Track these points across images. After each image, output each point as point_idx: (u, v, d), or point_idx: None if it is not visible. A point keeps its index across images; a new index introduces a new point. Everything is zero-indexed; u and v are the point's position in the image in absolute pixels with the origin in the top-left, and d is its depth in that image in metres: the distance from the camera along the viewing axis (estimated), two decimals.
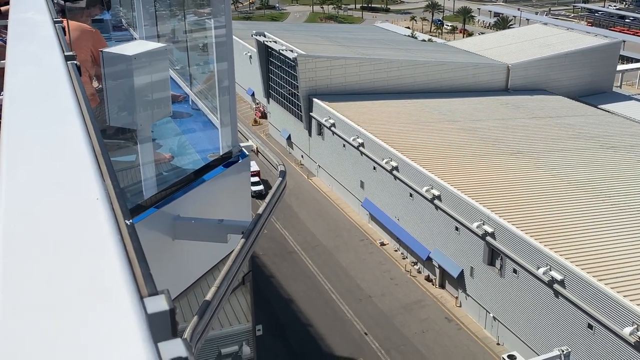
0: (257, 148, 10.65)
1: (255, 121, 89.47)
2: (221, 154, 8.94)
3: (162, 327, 1.28)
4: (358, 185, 61.98)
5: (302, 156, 75.50)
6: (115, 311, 1.30)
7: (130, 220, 1.60)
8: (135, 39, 13.08)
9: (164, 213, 7.55)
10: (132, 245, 1.47)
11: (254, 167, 64.27)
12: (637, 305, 32.12)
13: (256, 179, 65.52)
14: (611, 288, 33.68)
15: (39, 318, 1.28)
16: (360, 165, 60.89)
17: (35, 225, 1.61)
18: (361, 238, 59.41)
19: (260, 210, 7.59)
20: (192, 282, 8.45)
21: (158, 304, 1.31)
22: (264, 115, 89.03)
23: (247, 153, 8.91)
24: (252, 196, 59.41)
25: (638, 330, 31.52)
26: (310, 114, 70.27)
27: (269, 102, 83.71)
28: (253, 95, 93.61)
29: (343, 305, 48.69)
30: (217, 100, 9.36)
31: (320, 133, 69.31)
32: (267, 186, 61.33)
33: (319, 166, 71.10)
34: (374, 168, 57.88)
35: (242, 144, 8.95)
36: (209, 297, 6.51)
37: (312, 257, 55.81)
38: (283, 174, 8.50)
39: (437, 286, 50.76)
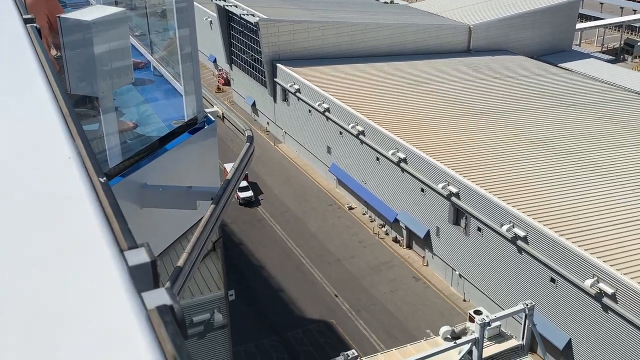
0: (222, 114, 10.56)
1: (219, 88, 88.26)
2: (186, 120, 8.86)
3: (144, 279, 1.31)
4: (325, 151, 62.06)
5: (267, 123, 75.02)
6: (97, 265, 1.32)
7: (104, 178, 1.61)
8: (91, 3, 12.72)
9: (131, 181, 7.49)
10: (108, 202, 1.48)
11: None
12: (597, 258, 33.27)
13: (244, 183, 59.71)
14: (572, 242, 34.75)
15: (23, 275, 1.29)
16: (326, 131, 60.87)
17: (11, 185, 1.61)
18: (329, 203, 59.79)
19: (228, 176, 7.60)
20: (162, 250, 8.45)
21: (139, 256, 1.34)
22: (227, 82, 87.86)
23: (212, 119, 8.86)
24: (241, 204, 55.85)
25: (598, 282, 32.71)
26: (275, 79, 69.61)
27: (231, 69, 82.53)
28: (215, 61, 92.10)
29: (313, 269, 49.23)
30: (180, 67, 9.24)
31: (285, 99, 68.85)
32: (258, 191, 59.90)
33: (285, 132, 70.83)
34: (340, 133, 57.96)
35: (207, 110, 8.89)
36: (180, 263, 6.55)
37: (281, 223, 56.04)
38: (250, 138, 8.50)
39: (404, 247, 51.63)
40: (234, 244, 52.14)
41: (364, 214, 57.07)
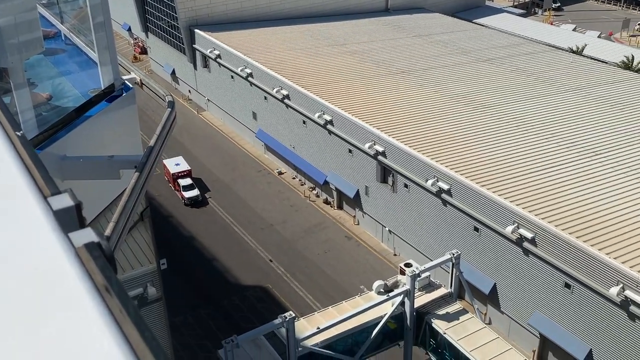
0: (140, 80, 10.30)
1: (135, 58, 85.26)
2: (103, 89, 8.61)
3: (70, 221, 1.36)
4: (250, 117, 61.53)
5: (189, 91, 73.39)
6: (23, 212, 1.35)
7: (22, 132, 1.62)
8: None
9: (49, 154, 7.26)
10: (27, 153, 1.50)
11: (185, 165, 55.21)
12: (517, 205, 34.98)
13: (188, 181, 53.74)
14: (493, 192, 36.33)
15: None
16: (250, 96, 60.26)
17: None
18: (258, 169, 59.65)
19: (151, 143, 7.49)
20: (89, 222, 8.29)
21: (62, 201, 1.38)
22: (143, 51, 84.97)
23: (130, 86, 8.65)
24: (187, 204, 52.24)
25: (519, 228, 34.48)
26: (194, 46, 67.91)
27: (147, 37, 79.78)
28: (130, 30, 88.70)
29: (246, 236, 49.28)
30: (93, 36, 8.92)
31: (206, 66, 67.41)
32: (204, 188, 55.18)
33: (209, 100, 69.58)
34: (265, 98, 57.54)
35: (124, 77, 8.66)
36: (107, 232, 6.47)
37: (211, 192, 55.54)
38: (171, 104, 8.36)
39: (335, 208, 52.44)
40: (162, 217, 51.31)
41: (293, 178, 57.35)
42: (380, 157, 44.39)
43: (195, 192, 53.02)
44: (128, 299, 1.23)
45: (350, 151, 47.76)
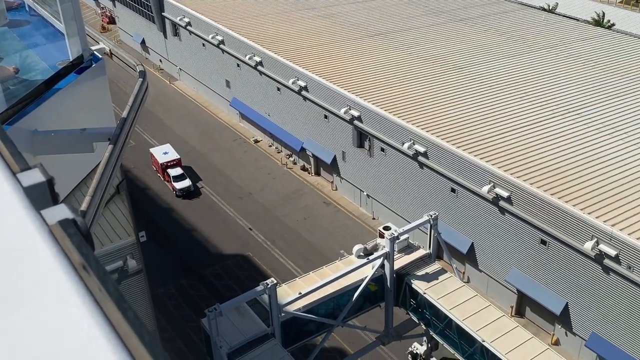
0: (110, 51, 10.01)
1: (104, 28, 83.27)
2: (71, 60, 8.37)
3: (41, 198, 1.29)
4: (224, 85, 60.75)
5: (160, 60, 72.05)
6: None
7: None
8: None
9: (19, 129, 7.07)
10: None
11: (173, 154, 52.25)
12: (493, 165, 35.33)
13: (178, 171, 50.65)
14: (469, 153, 36.60)
15: None
16: (223, 64, 59.39)
17: None
18: (234, 138, 59.21)
19: (124, 114, 7.33)
20: (63, 198, 8.15)
21: (33, 177, 1.32)
22: (111, 21, 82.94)
23: (100, 56, 8.42)
24: (178, 195, 49.31)
25: (495, 188, 34.90)
26: (163, 14, 66.42)
27: (115, 6, 77.75)
28: None
29: (224, 205, 49.17)
30: (58, 6, 8.62)
31: (176, 34, 66.09)
32: (196, 177, 52.20)
33: (180, 69, 68.44)
34: (238, 65, 56.75)
35: (93, 48, 8.43)
36: (83, 207, 6.36)
37: (187, 162, 55.06)
38: (143, 74, 8.16)
39: (312, 174, 52.47)
40: (139, 190, 50.89)
41: (270, 146, 57.09)
42: (356, 122, 44.31)
43: (186, 183, 50.06)
44: (107, 276, 1.18)
45: (325, 117, 47.57)
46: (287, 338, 28.00)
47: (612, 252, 29.62)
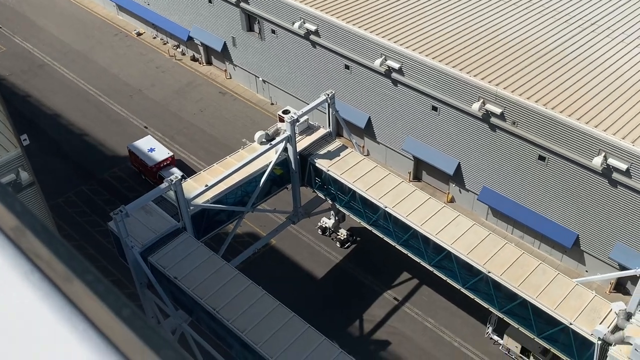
0: None
1: None
2: None
3: None
4: None
5: None
6: None
7: None
8: None
9: None
10: None
11: (163, 150, 39.69)
12: (383, 38, 35.56)
13: (175, 172, 34.51)
14: (359, 28, 36.50)
15: None
16: None
17: None
18: (114, 33, 55.53)
19: None
20: None
21: None
22: None
23: None
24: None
25: (386, 60, 35.38)
26: None
27: None
28: None
29: (115, 105, 47.00)
30: None
31: None
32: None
33: None
34: None
35: None
36: None
37: (67, 64, 51.48)
38: None
39: (204, 64, 50.75)
40: (18, 98, 47.40)
41: (154, 38, 54.17)
42: (242, 4, 42.62)
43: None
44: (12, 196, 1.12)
45: (210, 1, 45.33)
46: (199, 230, 28.37)
47: (498, 110, 31.46)
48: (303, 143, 31.56)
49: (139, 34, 54.74)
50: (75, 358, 1.20)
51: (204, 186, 27.43)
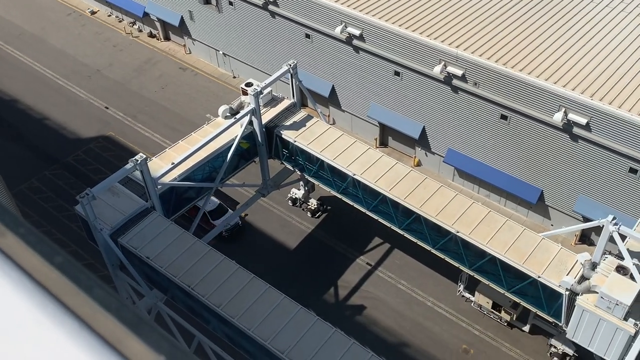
0: None
1: None
2: None
3: None
4: None
5: None
6: None
7: None
8: None
9: None
10: None
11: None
12: (342, 5, 35.29)
13: (214, 203, 34.61)
14: None
15: None
16: None
17: None
18: (67, 12, 53.92)
19: None
20: None
21: None
22: None
23: None
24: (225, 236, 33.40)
25: (347, 27, 35.19)
26: None
27: None
28: None
29: (73, 87, 45.91)
30: None
31: None
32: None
33: None
34: None
35: None
36: None
37: (20, 47, 49.93)
38: None
39: (162, 40, 49.76)
40: None
41: (109, 16, 52.81)
42: None
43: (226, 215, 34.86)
44: None
45: None
46: (169, 208, 28.18)
47: (459, 72, 31.71)
48: (268, 115, 31.39)
49: (92, 13, 53.30)
50: (10, 303, 1.23)
51: (170, 164, 27.17)
